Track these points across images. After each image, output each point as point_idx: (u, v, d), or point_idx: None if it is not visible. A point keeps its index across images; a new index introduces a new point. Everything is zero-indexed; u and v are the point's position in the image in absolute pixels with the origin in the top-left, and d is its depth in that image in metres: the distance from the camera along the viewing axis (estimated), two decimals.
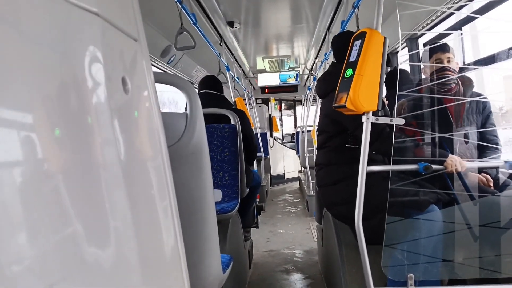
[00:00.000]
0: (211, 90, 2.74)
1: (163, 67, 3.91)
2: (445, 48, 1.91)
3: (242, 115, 2.72)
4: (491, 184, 1.85)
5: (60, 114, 0.34)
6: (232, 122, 2.41)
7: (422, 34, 2.97)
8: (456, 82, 1.90)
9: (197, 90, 2.70)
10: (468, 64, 2.20)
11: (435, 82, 1.85)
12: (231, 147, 2.33)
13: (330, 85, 1.93)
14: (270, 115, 9.13)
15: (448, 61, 1.88)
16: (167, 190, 0.58)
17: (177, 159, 0.90)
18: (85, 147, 0.38)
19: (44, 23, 0.34)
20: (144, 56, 0.56)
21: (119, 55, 0.48)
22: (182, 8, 2.20)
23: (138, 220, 0.46)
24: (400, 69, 2.36)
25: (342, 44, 1.71)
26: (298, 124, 9.19)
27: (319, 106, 2.30)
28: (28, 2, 0.32)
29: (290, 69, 6.89)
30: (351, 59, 1.50)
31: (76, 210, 0.34)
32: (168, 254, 0.57)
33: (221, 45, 4.01)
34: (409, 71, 2.90)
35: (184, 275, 0.61)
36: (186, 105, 1.01)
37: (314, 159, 4.19)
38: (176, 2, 2.15)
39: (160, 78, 0.98)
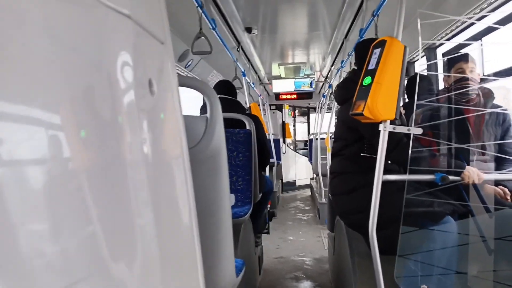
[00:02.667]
0: (225, 95, 2.76)
1: (180, 71, 3.95)
2: (468, 58, 1.88)
3: (256, 121, 2.72)
4: (508, 197, 1.82)
5: (91, 113, 0.35)
6: (247, 127, 2.41)
7: (441, 44, 2.95)
8: (477, 93, 1.88)
9: None
10: (488, 75, 2.17)
11: (456, 92, 1.83)
12: (245, 152, 2.33)
13: (350, 92, 1.92)
14: (283, 122, 9.12)
15: (471, 72, 1.86)
16: (187, 193, 0.58)
17: (196, 162, 0.91)
18: (114, 146, 0.38)
19: (79, 25, 0.34)
20: (170, 59, 0.57)
21: (147, 57, 0.49)
22: (202, 13, 2.22)
23: (160, 221, 0.46)
24: (421, 75, 2.33)
25: (365, 51, 1.70)
26: (311, 131, 9.17)
27: (335, 113, 2.30)
28: (64, 4, 0.33)
29: (306, 76, 6.89)
30: (370, 67, 1.50)
31: (102, 209, 0.35)
32: (186, 256, 0.57)
33: (238, 51, 4.03)
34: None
35: (200, 278, 0.61)
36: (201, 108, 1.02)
37: (327, 167, 4.17)
38: (197, 7, 2.17)
39: (183, 81, 0.98)
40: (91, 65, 0.36)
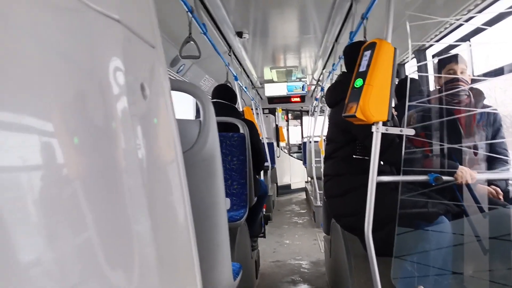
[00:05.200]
0: (223, 100, 2.76)
1: (172, 76, 3.94)
2: (458, 59, 1.90)
3: (251, 125, 2.73)
4: (501, 197, 1.83)
5: (84, 119, 0.35)
6: (241, 131, 2.42)
7: (431, 45, 2.97)
8: (468, 94, 1.89)
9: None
10: (478, 76, 2.19)
11: (448, 93, 1.84)
12: (239, 156, 2.33)
13: (340, 94, 1.93)
14: (277, 125, 9.13)
15: (461, 72, 1.87)
16: (183, 196, 0.58)
17: (190, 166, 0.91)
18: (107, 152, 0.38)
19: (69, 30, 0.34)
20: (161, 63, 0.57)
21: (138, 61, 0.49)
22: (192, 18, 2.22)
23: (155, 226, 0.46)
24: (411, 78, 2.33)
25: (354, 54, 1.72)
26: (304, 135, 9.19)
27: (327, 116, 2.31)
28: (53, 9, 0.33)
29: (298, 80, 6.91)
30: (361, 69, 1.50)
31: (97, 215, 0.35)
32: (183, 260, 0.57)
33: (230, 55, 4.03)
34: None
35: (197, 282, 0.61)
36: (197, 111, 1.02)
37: (322, 170, 4.18)
38: (187, 12, 2.17)
39: (176, 86, 0.98)
40: (82, 70, 0.36)
